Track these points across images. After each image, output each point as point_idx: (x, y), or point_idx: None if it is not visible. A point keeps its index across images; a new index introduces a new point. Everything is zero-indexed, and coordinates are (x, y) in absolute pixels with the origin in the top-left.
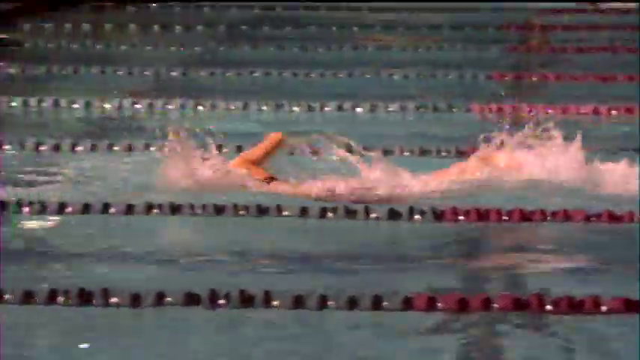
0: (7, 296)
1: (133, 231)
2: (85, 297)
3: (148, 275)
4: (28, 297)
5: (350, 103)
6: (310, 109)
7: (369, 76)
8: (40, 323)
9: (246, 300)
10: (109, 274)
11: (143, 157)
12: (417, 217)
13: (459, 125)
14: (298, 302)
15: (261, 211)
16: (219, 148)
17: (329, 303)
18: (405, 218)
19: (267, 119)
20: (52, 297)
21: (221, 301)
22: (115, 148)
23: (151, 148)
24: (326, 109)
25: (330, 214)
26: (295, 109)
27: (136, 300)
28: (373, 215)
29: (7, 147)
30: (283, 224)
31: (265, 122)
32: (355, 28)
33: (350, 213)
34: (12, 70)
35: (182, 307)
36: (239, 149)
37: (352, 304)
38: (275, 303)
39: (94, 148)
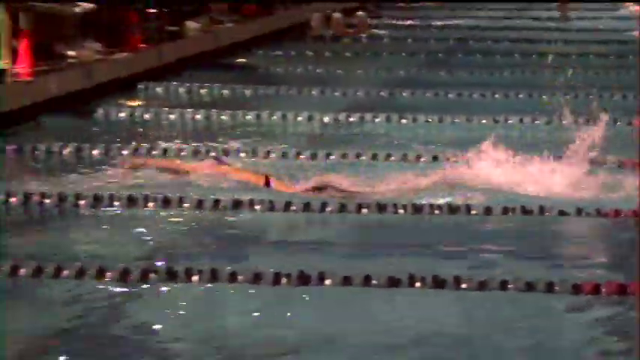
0: None
1: None
2: None
3: None
4: None
5: (529, 117)
6: (495, 122)
7: (545, 96)
8: None
9: None
10: None
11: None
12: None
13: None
14: None
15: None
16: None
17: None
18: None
19: (459, 131)
20: None
21: None
22: (332, 156)
23: (362, 157)
24: (509, 122)
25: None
26: (483, 122)
27: None
28: None
29: (242, 154)
30: None
31: (457, 133)
32: (534, 56)
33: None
34: (248, 90)
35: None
36: (434, 158)
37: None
38: None
39: (313, 157)
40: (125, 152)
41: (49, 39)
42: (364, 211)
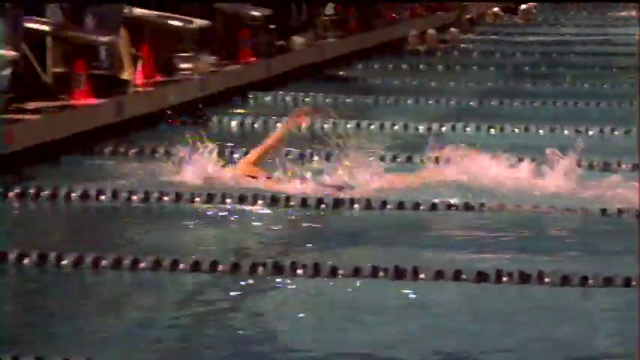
0: None
1: None
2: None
3: None
4: None
5: (609, 127)
6: (577, 132)
7: (624, 105)
8: None
9: None
10: None
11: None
12: None
13: None
14: None
15: None
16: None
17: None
18: None
19: (543, 139)
20: None
21: None
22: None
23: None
24: (589, 132)
25: None
26: (565, 132)
27: None
28: None
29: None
30: None
31: (541, 141)
32: (614, 69)
33: None
34: (349, 99)
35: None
36: (520, 160)
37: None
38: None
39: (409, 159)
40: (236, 155)
41: (168, 53)
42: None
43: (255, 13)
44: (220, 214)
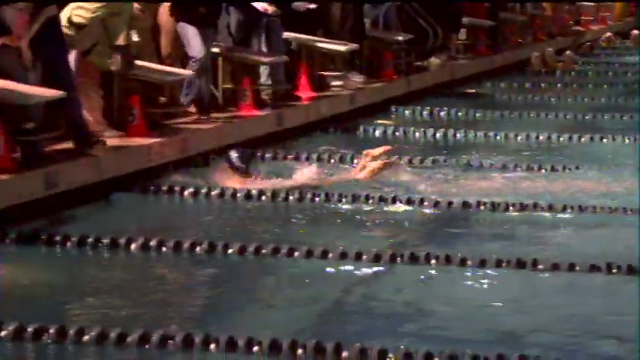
0: None
1: None
2: None
3: None
4: None
5: None
6: None
7: None
8: None
9: None
10: None
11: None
12: None
13: None
14: None
15: None
16: None
17: None
18: None
19: None
20: None
21: None
22: (542, 170)
23: (567, 169)
24: None
25: None
26: None
27: None
28: None
29: (472, 165)
30: None
31: None
32: None
33: None
34: (478, 113)
35: None
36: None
37: None
38: None
39: (528, 169)
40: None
41: (322, 71)
42: None
43: (398, 38)
44: (363, 211)
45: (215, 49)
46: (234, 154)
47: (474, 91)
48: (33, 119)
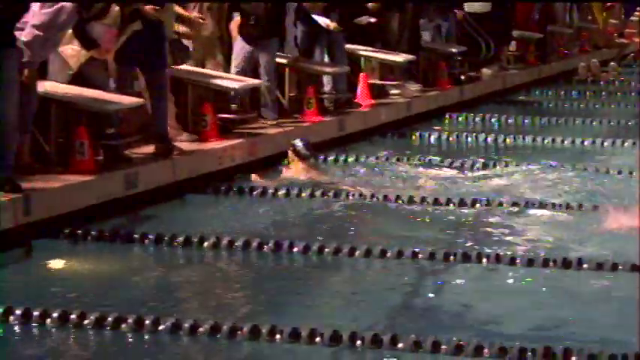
0: None
1: None
2: None
3: None
4: None
5: None
6: None
7: None
8: None
9: None
10: None
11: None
12: None
13: None
14: None
15: None
16: None
17: None
18: None
19: None
20: None
21: None
22: (587, 170)
23: (610, 172)
24: None
25: None
26: None
27: None
28: None
29: (521, 167)
30: None
31: None
32: None
33: None
34: (527, 120)
35: None
36: None
37: None
38: None
39: (573, 168)
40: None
41: (381, 80)
42: None
43: (452, 50)
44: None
45: (282, 60)
46: (299, 143)
47: (523, 99)
48: (114, 125)
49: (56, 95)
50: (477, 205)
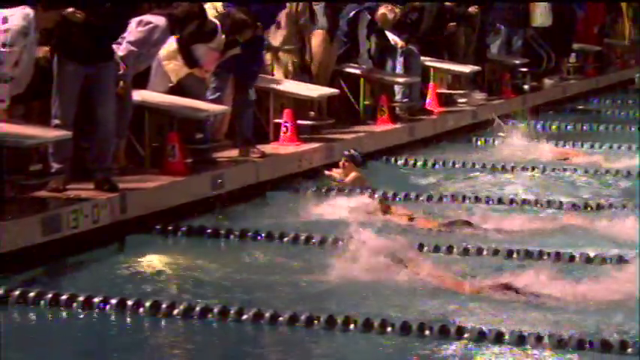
0: None
1: None
2: None
3: None
4: None
5: None
6: None
7: None
8: None
9: None
10: None
11: None
12: None
13: None
14: None
15: None
16: None
17: None
18: None
19: None
20: None
21: None
22: None
23: None
24: None
25: None
26: None
27: None
28: None
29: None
30: None
31: None
32: None
33: None
34: (585, 126)
35: None
36: None
37: None
38: None
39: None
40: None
41: (449, 90)
42: None
43: (516, 61)
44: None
45: (357, 71)
46: (353, 152)
47: (582, 107)
48: (203, 130)
49: (151, 103)
50: (555, 205)
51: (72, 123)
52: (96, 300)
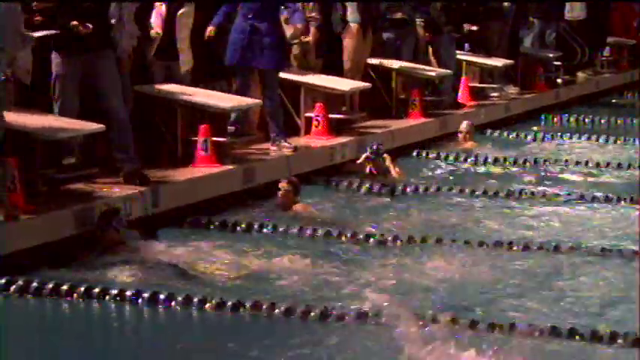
0: None
1: None
2: None
3: None
4: None
5: None
6: None
7: None
8: None
9: None
10: None
11: None
12: None
13: None
14: None
15: None
16: None
17: None
18: None
19: None
20: None
21: None
22: None
23: None
24: None
25: None
26: None
27: None
28: None
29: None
30: None
31: None
32: None
33: None
34: (619, 120)
35: None
36: None
37: None
38: None
39: None
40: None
41: (481, 83)
42: None
43: (549, 55)
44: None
45: (389, 64)
46: (378, 146)
47: (615, 101)
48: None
49: (181, 98)
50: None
51: (75, 118)
52: (128, 293)
